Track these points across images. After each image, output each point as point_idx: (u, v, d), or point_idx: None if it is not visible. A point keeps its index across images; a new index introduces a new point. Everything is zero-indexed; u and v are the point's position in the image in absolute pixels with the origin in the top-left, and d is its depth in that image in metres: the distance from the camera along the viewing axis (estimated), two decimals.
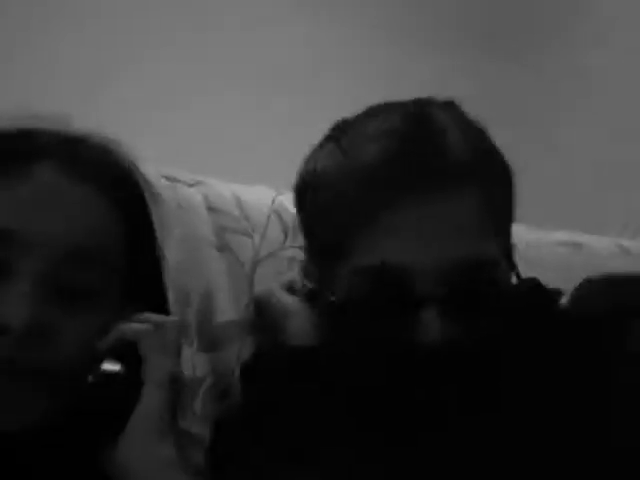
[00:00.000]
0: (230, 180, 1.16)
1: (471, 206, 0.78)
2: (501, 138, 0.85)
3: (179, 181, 1.11)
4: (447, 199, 0.77)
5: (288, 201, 1.16)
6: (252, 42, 2.06)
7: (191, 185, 1.12)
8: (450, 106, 0.83)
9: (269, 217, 1.12)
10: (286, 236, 1.12)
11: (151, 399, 0.70)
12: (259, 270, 1.09)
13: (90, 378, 0.70)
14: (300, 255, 1.12)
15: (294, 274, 1.02)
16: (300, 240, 1.15)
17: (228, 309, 1.07)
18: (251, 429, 0.81)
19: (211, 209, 1.11)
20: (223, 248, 1.09)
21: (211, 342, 1.06)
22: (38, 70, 1.84)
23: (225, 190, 1.14)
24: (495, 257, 0.80)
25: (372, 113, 0.84)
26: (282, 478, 0.78)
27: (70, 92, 1.78)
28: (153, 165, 0.97)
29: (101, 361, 0.71)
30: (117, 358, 0.71)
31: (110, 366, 0.71)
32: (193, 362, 1.01)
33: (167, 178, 1.09)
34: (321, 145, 0.85)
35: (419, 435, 0.79)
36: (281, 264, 1.10)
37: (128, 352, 0.72)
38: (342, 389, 0.81)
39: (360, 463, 0.79)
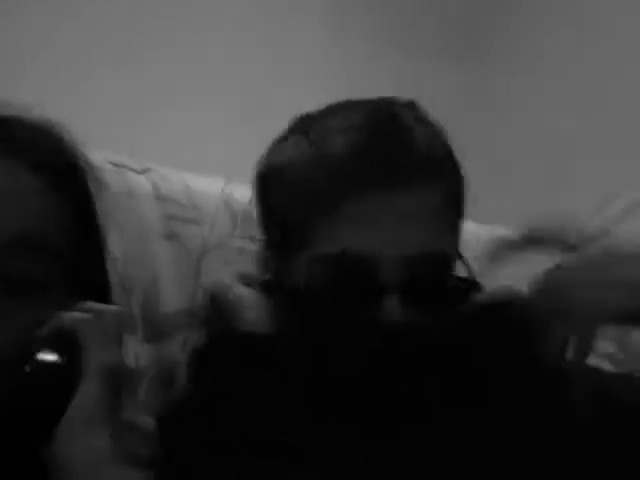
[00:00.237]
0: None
1: (434, 200, 0.81)
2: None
3: (127, 168, 1.10)
4: (411, 193, 0.80)
5: (237, 191, 1.16)
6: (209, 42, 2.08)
7: (140, 172, 1.11)
8: (412, 105, 0.86)
9: (218, 207, 1.11)
10: (235, 226, 1.11)
11: (89, 390, 0.68)
12: (207, 260, 1.09)
13: (27, 368, 0.68)
14: (249, 245, 1.12)
15: (245, 265, 1.01)
16: (249, 230, 1.15)
17: (174, 299, 1.07)
18: (204, 415, 0.81)
19: (159, 197, 1.10)
20: (171, 237, 1.09)
21: (156, 332, 1.05)
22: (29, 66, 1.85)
23: (174, 178, 1.13)
24: (452, 250, 0.84)
25: (338, 108, 0.86)
26: (237, 465, 0.78)
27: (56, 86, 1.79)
28: (100, 151, 0.96)
29: (39, 351, 0.69)
30: (57, 348, 0.70)
31: (48, 356, 0.69)
32: (137, 352, 1.00)
33: (115, 164, 1.08)
34: (285, 137, 0.86)
35: (380, 423, 0.80)
36: (229, 254, 1.10)
37: (68, 342, 0.70)
38: (299, 376, 0.82)
39: (316, 450, 0.79)
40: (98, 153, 0.95)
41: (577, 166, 1.97)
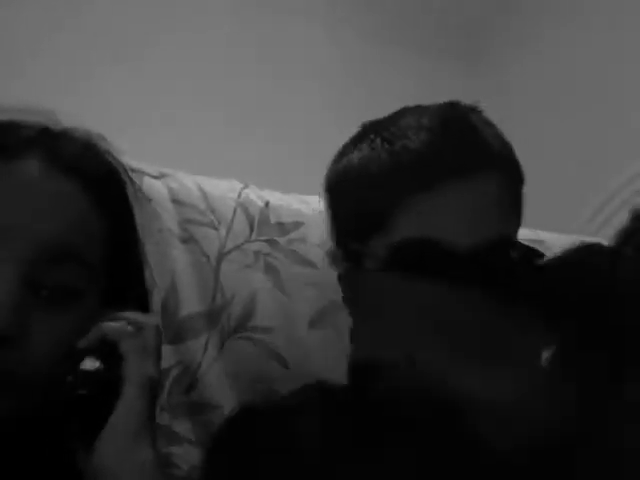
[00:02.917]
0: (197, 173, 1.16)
1: (504, 190, 0.87)
2: None
3: (144, 173, 1.10)
4: (485, 183, 0.86)
5: (254, 194, 1.17)
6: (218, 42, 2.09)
7: (156, 177, 1.11)
8: (476, 109, 0.92)
9: (235, 210, 1.12)
10: (252, 229, 1.12)
11: (131, 400, 0.69)
12: (224, 263, 1.09)
13: (69, 377, 0.69)
14: (266, 248, 1.13)
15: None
16: (265, 233, 1.15)
17: (193, 301, 1.07)
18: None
19: (176, 201, 1.10)
20: (188, 240, 1.09)
21: (177, 334, 1.06)
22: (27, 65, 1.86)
23: (190, 182, 1.13)
24: (515, 235, 0.89)
25: (407, 112, 0.92)
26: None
27: (56, 86, 1.79)
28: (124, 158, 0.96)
29: (80, 360, 0.70)
30: (98, 358, 0.70)
31: (90, 365, 0.70)
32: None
33: (132, 170, 1.08)
34: (356, 140, 0.91)
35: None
36: (247, 257, 1.10)
37: (107, 351, 0.71)
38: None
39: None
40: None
41: (577, 166, 1.98)
